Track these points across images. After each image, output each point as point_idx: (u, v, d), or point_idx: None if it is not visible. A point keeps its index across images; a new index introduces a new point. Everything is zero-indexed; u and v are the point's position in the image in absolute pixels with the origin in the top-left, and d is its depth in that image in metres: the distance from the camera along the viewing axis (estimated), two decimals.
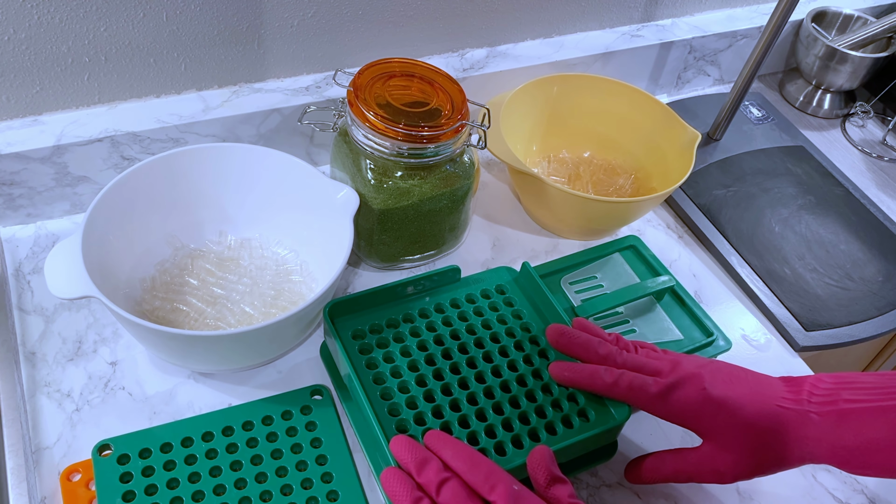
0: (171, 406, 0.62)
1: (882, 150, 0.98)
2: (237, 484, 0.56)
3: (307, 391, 0.63)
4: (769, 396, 0.53)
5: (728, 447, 0.53)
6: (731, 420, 0.52)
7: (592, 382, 0.56)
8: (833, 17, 1.01)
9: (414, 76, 0.69)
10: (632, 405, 0.56)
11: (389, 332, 0.62)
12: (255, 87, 0.77)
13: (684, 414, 0.53)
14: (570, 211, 0.74)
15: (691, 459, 0.55)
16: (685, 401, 0.53)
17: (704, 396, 0.53)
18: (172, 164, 0.66)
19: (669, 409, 0.54)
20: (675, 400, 0.53)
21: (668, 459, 0.56)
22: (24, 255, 0.71)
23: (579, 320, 0.61)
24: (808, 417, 0.51)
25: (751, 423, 0.52)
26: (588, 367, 0.57)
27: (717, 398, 0.52)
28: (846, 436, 0.50)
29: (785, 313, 0.75)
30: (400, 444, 0.51)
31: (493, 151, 0.73)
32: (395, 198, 0.66)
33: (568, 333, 0.58)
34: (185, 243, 0.70)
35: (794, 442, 0.51)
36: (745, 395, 0.53)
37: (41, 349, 0.64)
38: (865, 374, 0.52)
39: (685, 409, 0.53)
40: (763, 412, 0.52)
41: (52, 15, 0.64)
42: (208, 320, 0.65)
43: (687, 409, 0.53)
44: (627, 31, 0.92)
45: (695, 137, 0.76)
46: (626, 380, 0.54)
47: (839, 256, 0.81)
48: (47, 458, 0.58)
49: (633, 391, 0.54)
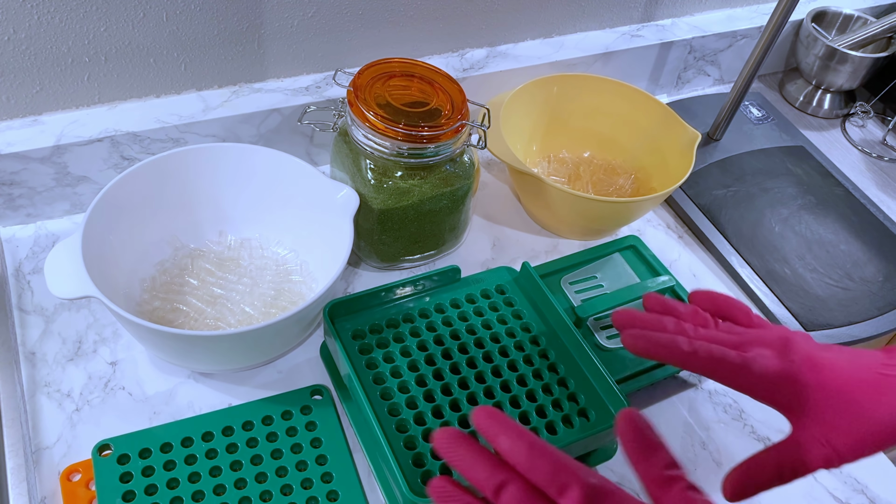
0: (171, 406, 0.62)
1: (882, 150, 0.98)
2: (237, 484, 0.56)
3: (307, 391, 0.63)
4: (868, 364, 0.47)
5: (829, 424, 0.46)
6: (827, 390, 0.46)
7: (669, 352, 0.50)
8: (833, 17, 1.01)
9: (414, 76, 0.69)
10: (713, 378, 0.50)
11: (389, 332, 0.62)
12: (254, 87, 0.77)
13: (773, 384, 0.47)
14: (570, 211, 0.74)
15: (791, 449, 0.48)
16: (773, 370, 0.47)
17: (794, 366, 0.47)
18: (172, 164, 0.66)
19: (755, 379, 0.48)
20: (762, 369, 0.48)
21: (766, 460, 0.49)
22: (24, 255, 0.71)
23: (650, 295, 0.55)
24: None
25: (853, 392, 0.46)
26: (664, 336, 0.51)
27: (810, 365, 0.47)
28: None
29: (785, 313, 0.75)
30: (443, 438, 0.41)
31: (493, 151, 0.73)
32: (395, 198, 0.66)
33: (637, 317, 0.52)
34: (185, 243, 0.70)
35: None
36: (842, 362, 0.47)
37: (41, 349, 0.64)
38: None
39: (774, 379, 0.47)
40: (864, 379, 0.46)
41: (52, 15, 0.64)
42: (208, 320, 0.65)
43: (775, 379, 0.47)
44: (627, 31, 0.92)
45: (695, 137, 0.76)
46: (707, 350, 0.49)
47: (839, 256, 0.81)
48: (47, 458, 0.58)
49: (714, 361, 0.48)
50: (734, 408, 0.68)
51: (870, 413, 0.46)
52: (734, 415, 0.67)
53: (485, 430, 0.41)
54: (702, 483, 0.62)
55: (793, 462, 0.48)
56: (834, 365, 0.48)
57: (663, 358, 0.50)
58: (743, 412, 0.68)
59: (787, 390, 0.47)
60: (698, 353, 0.49)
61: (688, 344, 0.49)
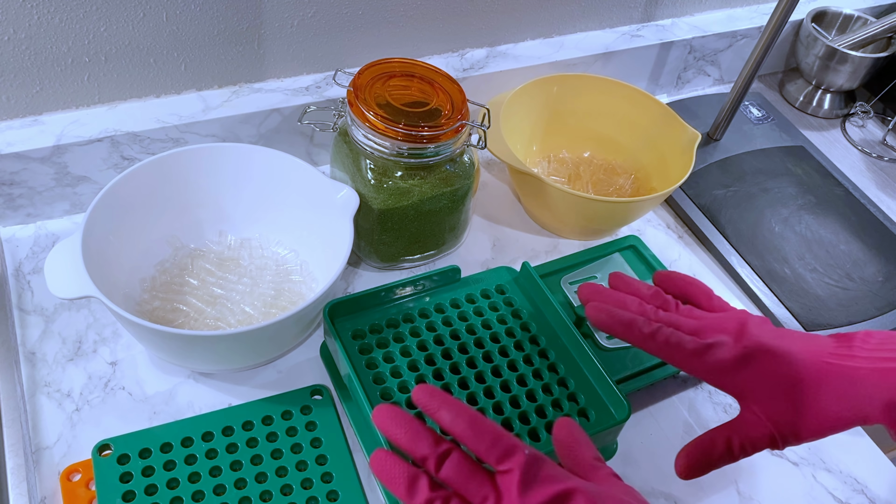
0: (171, 406, 0.62)
1: (882, 150, 0.98)
2: (237, 484, 0.56)
3: (307, 391, 0.63)
4: (817, 352, 0.49)
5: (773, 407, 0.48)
6: (776, 376, 0.48)
7: (628, 331, 0.52)
8: (833, 17, 1.01)
9: (414, 76, 0.69)
10: (668, 361, 0.52)
11: (389, 332, 0.62)
12: (255, 87, 0.77)
13: (724, 371, 0.49)
14: (570, 211, 0.74)
15: (738, 427, 0.50)
16: (725, 357, 0.49)
17: (747, 352, 0.49)
18: (172, 164, 0.66)
19: (708, 366, 0.50)
20: (714, 357, 0.50)
21: (716, 436, 0.51)
22: (24, 255, 0.71)
23: (616, 274, 0.57)
24: (859, 374, 0.47)
25: (798, 378, 0.48)
26: (627, 314, 0.53)
27: (761, 352, 0.49)
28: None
29: (785, 313, 0.75)
30: (384, 415, 0.43)
31: (493, 151, 0.73)
32: (395, 198, 0.66)
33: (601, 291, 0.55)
34: (185, 243, 0.70)
35: (847, 399, 0.47)
36: (792, 350, 0.49)
37: (41, 349, 0.64)
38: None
39: (725, 365, 0.49)
40: (811, 367, 0.48)
41: (52, 15, 0.64)
42: (208, 320, 0.65)
43: (727, 365, 0.49)
44: (627, 31, 0.92)
45: (695, 137, 0.76)
46: (664, 334, 0.51)
47: (839, 256, 0.81)
48: (47, 458, 0.58)
49: (670, 347, 0.51)
50: (734, 408, 0.68)
51: (810, 399, 0.48)
52: (734, 415, 0.67)
53: (425, 405, 0.43)
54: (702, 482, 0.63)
55: (741, 439, 0.50)
56: (784, 351, 0.49)
57: (622, 335, 0.53)
58: None
59: (736, 377, 0.49)
60: (655, 337, 0.51)
61: (647, 326, 0.52)
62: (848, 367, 0.48)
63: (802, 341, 0.50)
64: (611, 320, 0.53)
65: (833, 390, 0.48)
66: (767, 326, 0.52)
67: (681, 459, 0.52)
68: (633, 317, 0.53)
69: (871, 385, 0.47)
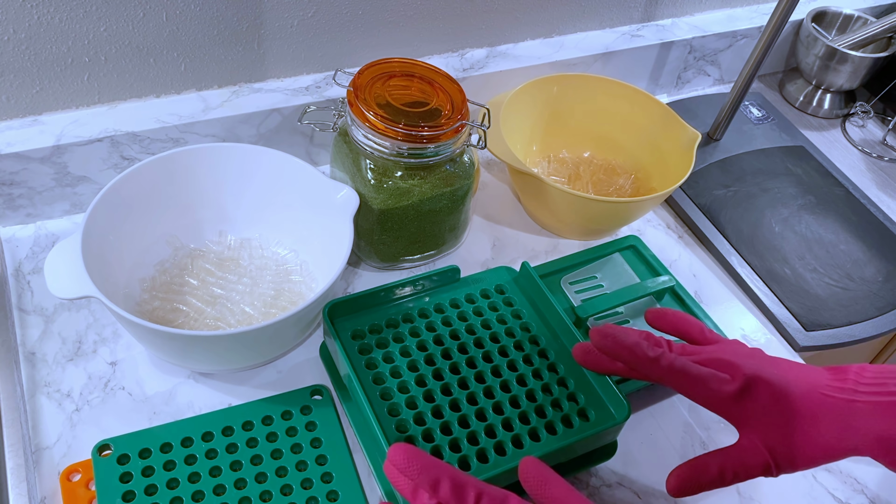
0: (171, 406, 0.62)
1: (882, 150, 0.98)
2: (237, 484, 0.56)
3: (307, 391, 0.63)
4: (813, 384, 0.50)
5: (771, 436, 0.50)
6: (775, 407, 0.50)
7: (632, 354, 0.53)
8: (833, 17, 1.01)
9: (414, 76, 0.69)
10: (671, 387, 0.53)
11: (389, 332, 0.62)
12: (255, 87, 0.77)
13: (725, 400, 0.51)
14: (570, 211, 0.74)
15: (734, 454, 0.51)
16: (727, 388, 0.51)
17: (746, 382, 0.50)
18: (172, 164, 0.66)
19: (711, 394, 0.51)
20: (717, 386, 0.51)
21: (710, 462, 0.52)
22: (24, 255, 0.71)
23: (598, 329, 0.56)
24: (854, 407, 0.48)
25: (794, 409, 0.49)
26: (631, 338, 0.53)
27: (760, 383, 0.50)
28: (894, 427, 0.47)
29: (785, 313, 0.75)
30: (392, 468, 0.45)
31: (493, 151, 0.73)
32: (395, 198, 0.66)
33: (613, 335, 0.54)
34: (185, 243, 0.70)
35: (840, 431, 0.49)
36: (789, 382, 0.50)
37: (41, 349, 0.64)
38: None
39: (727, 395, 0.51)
40: (808, 398, 0.49)
41: (52, 15, 0.64)
42: (208, 320, 0.65)
43: (728, 395, 0.51)
44: (627, 31, 0.92)
45: (695, 137, 0.76)
46: (668, 359, 0.52)
47: (839, 256, 0.81)
48: (47, 458, 0.58)
49: (674, 372, 0.52)
50: None
51: (806, 431, 0.49)
52: None
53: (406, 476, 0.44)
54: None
55: (734, 466, 0.51)
56: (782, 383, 0.50)
57: (627, 359, 0.53)
58: None
59: (736, 406, 0.51)
60: (660, 361, 0.52)
61: (651, 350, 0.52)
62: (843, 401, 0.49)
63: (799, 372, 0.52)
64: (615, 344, 0.53)
65: (829, 422, 0.49)
66: (763, 356, 0.53)
67: (672, 480, 0.53)
68: (638, 340, 0.53)
69: (864, 418, 0.48)
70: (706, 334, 0.57)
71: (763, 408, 0.50)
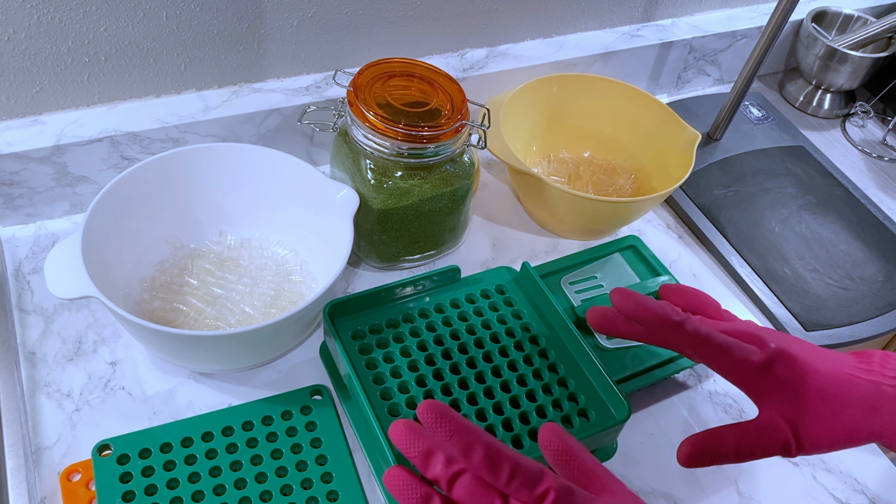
0: (171, 406, 0.62)
1: (882, 150, 0.98)
2: (237, 484, 0.56)
3: (307, 391, 0.63)
4: (839, 364, 0.49)
5: (794, 412, 0.48)
6: (799, 382, 0.48)
7: (657, 316, 0.50)
8: (833, 17, 1.01)
9: (414, 76, 0.69)
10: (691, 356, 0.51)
11: (389, 332, 0.62)
12: (254, 87, 0.77)
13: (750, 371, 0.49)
14: (570, 211, 0.74)
15: (753, 429, 0.49)
16: (753, 358, 0.49)
17: (771, 356, 0.48)
18: (172, 164, 0.66)
19: (735, 364, 0.49)
20: (743, 355, 0.49)
21: (727, 434, 0.50)
22: (24, 255, 0.71)
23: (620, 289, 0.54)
24: (881, 390, 0.47)
25: (821, 387, 0.47)
26: (654, 301, 0.51)
27: (786, 357, 0.48)
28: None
29: (785, 313, 0.75)
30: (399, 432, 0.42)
31: (493, 151, 0.73)
32: (395, 198, 0.66)
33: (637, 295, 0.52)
34: (185, 243, 0.70)
35: (865, 413, 0.47)
36: (816, 359, 0.49)
37: (41, 349, 0.64)
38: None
39: (752, 366, 0.49)
40: (834, 377, 0.48)
41: (52, 15, 0.64)
42: (208, 320, 0.65)
43: (754, 366, 0.49)
44: (627, 31, 0.92)
45: (695, 137, 0.76)
46: (693, 324, 0.50)
47: (839, 256, 0.81)
48: (47, 458, 0.58)
49: (698, 338, 0.49)
50: (734, 408, 0.68)
51: (832, 410, 0.47)
52: (734, 415, 0.67)
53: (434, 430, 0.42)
54: (701, 482, 0.63)
55: (752, 443, 0.49)
56: (809, 359, 0.49)
57: (650, 321, 0.51)
58: (743, 412, 0.68)
59: (760, 379, 0.49)
60: (685, 326, 0.49)
61: (676, 314, 0.50)
62: (870, 383, 0.48)
63: (824, 352, 0.50)
64: (637, 305, 0.51)
65: (855, 403, 0.47)
66: (786, 336, 0.52)
67: (685, 448, 0.51)
68: (663, 303, 0.51)
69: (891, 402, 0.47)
70: (722, 313, 0.55)
71: (788, 383, 0.48)
